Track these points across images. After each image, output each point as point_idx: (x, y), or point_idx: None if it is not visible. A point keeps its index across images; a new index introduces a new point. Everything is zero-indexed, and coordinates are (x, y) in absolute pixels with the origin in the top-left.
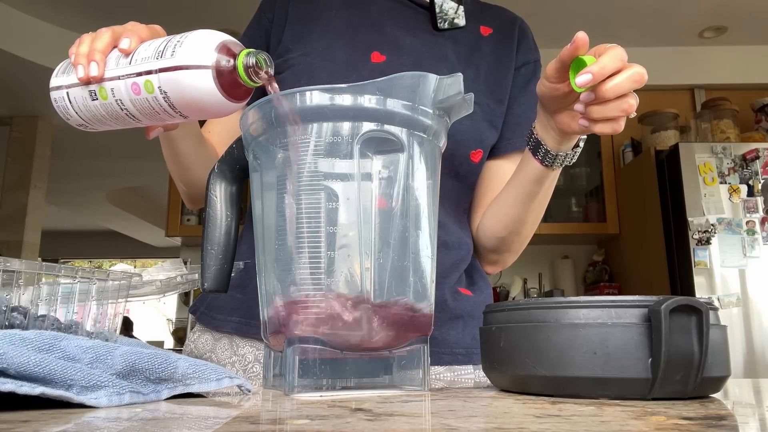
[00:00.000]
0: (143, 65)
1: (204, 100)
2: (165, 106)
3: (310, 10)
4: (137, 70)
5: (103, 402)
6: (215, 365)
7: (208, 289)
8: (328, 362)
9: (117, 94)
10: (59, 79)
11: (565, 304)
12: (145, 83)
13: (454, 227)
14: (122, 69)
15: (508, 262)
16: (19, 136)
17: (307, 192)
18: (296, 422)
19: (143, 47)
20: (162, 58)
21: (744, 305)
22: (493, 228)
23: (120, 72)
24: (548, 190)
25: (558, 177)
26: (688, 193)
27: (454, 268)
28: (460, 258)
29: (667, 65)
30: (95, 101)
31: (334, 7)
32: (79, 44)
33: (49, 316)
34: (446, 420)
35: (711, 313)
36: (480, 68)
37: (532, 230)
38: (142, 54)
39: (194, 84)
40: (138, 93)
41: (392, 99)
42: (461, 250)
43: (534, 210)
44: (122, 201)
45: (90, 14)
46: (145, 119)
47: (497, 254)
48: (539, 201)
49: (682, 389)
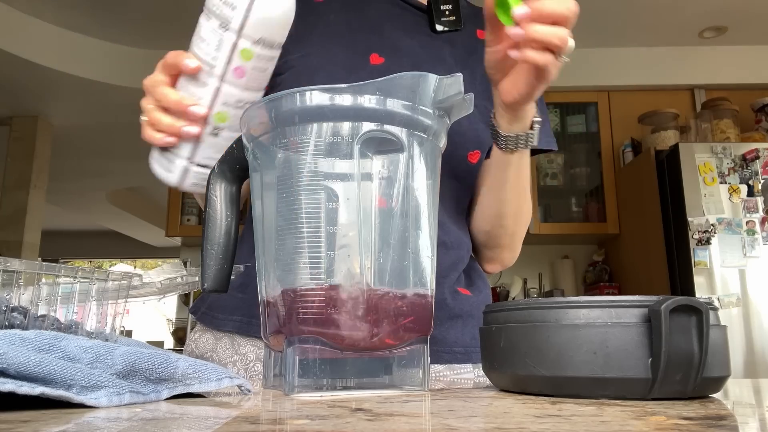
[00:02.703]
0: (222, 47)
1: (288, 6)
2: (267, 54)
3: (310, 13)
4: (223, 57)
5: (103, 402)
6: (215, 365)
7: (208, 289)
8: (328, 362)
9: (229, 97)
10: (176, 161)
11: (565, 304)
12: (242, 55)
13: (453, 227)
14: (211, 78)
15: (506, 260)
16: (19, 136)
17: (307, 192)
18: (296, 422)
19: (197, 49)
20: (232, 21)
21: (744, 305)
22: (478, 222)
23: (213, 82)
24: (517, 178)
25: (526, 165)
26: (688, 193)
27: (452, 267)
28: (458, 258)
29: (667, 65)
30: (221, 132)
31: (333, 11)
32: (156, 121)
33: (49, 316)
34: (446, 420)
35: (711, 313)
36: (476, 71)
37: (517, 224)
38: (205, 49)
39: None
40: (242, 74)
41: (392, 99)
42: (460, 249)
43: (509, 201)
44: (122, 201)
45: (91, 14)
46: (261, 87)
47: (489, 250)
48: (511, 189)
49: (682, 389)
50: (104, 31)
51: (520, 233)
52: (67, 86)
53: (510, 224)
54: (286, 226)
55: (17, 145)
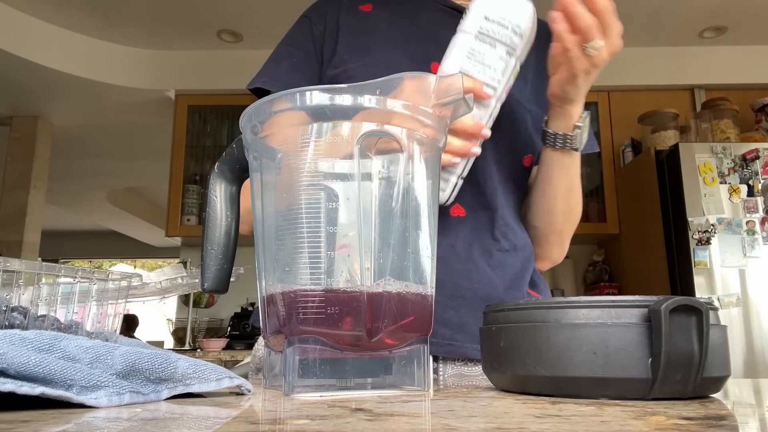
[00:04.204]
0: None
1: None
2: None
3: (361, 22)
4: (504, 80)
5: (103, 402)
6: (215, 365)
7: (208, 289)
8: (328, 362)
9: (496, 114)
10: (450, 178)
11: (565, 304)
12: (514, 75)
13: (518, 230)
14: (492, 100)
15: (556, 257)
16: (19, 136)
17: (307, 192)
18: (296, 422)
19: (479, 74)
20: (517, 49)
21: (744, 305)
22: (528, 218)
23: (492, 103)
24: (566, 177)
25: (575, 165)
26: (688, 193)
27: (524, 269)
28: (527, 259)
29: (667, 65)
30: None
31: (383, 20)
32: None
33: (49, 316)
34: (446, 420)
35: (711, 313)
36: (527, 75)
37: (566, 221)
38: (490, 74)
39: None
40: (508, 92)
41: (392, 99)
42: (526, 251)
43: (558, 197)
44: (122, 201)
45: (91, 14)
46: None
47: (540, 248)
48: (559, 187)
49: (682, 389)
50: (104, 31)
51: (569, 231)
52: (67, 86)
53: (559, 221)
54: (286, 226)
55: (17, 145)
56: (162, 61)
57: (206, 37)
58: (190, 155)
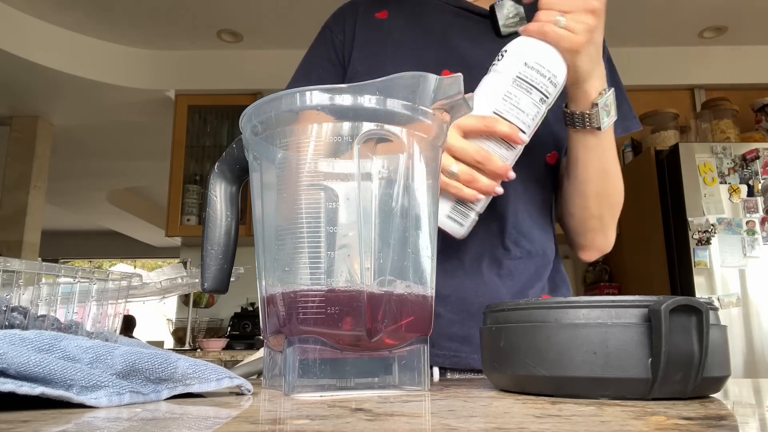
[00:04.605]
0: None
1: None
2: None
3: (375, 30)
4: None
5: (103, 402)
6: (215, 365)
7: (208, 289)
8: (328, 362)
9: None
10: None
11: (565, 304)
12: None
13: (536, 234)
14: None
15: (600, 245)
16: (19, 136)
17: (307, 192)
18: (296, 422)
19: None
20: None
21: (744, 305)
22: (563, 205)
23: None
24: (597, 159)
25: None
26: (688, 193)
27: (537, 276)
28: (542, 265)
29: (667, 65)
30: None
31: (398, 27)
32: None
33: (49, 316)
34: (446, 420)
35: (711, 313)
36: None
37: (602, 205)
38: (522, 119)
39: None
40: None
41: (392, 99)
42: (544, 257)
43: (589, 180)
44: (122, 201)
45: (91, 14)
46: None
47: (581, 237)
48: (588, 169)
49: (682, 389)
50: (104, 31)
51: (609, 216)
52: (67, 86)
53: (593, 205)
54: (286, 226)
55: (17, 145)
56: (162, 61)
57: (206, 37)
58: (190, 155)
